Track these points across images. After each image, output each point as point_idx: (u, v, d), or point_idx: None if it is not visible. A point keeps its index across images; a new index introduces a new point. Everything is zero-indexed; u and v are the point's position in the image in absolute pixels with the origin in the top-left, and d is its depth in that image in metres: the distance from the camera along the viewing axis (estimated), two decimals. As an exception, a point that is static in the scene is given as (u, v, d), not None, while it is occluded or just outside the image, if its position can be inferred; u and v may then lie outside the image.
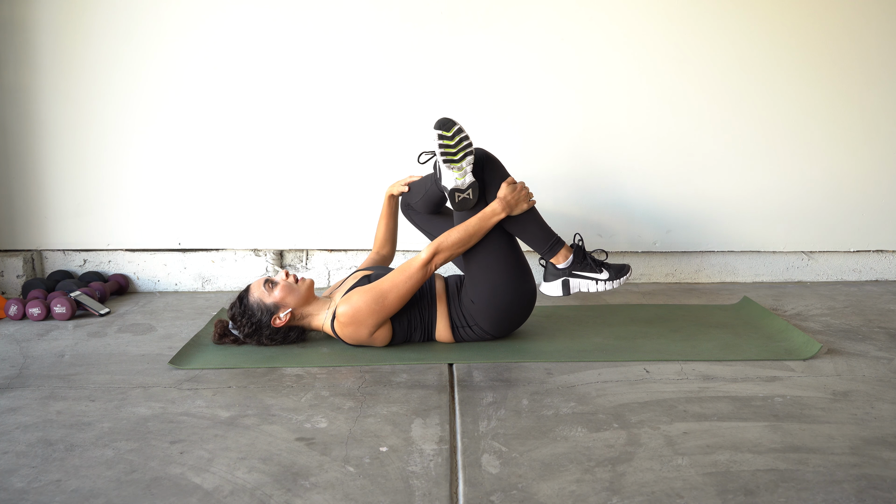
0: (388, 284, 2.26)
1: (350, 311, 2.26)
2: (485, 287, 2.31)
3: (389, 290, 2.25)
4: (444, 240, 2.27)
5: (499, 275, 2.32)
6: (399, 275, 2.27)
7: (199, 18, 3.04)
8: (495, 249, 2.32)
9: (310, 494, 1.50)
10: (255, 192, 3.15)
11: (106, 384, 2.11)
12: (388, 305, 2.26)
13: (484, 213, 2.28)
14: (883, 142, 3.17)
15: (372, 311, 2.26)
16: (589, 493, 1.49)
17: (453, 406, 1.93)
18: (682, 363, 2.22)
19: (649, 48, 3.08)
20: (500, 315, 2.35)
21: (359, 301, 2.25)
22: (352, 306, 2.26)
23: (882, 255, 3.29)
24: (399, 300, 2.27)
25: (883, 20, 3.08)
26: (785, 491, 1.49)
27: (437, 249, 2.27)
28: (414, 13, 3.03)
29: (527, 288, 2.36)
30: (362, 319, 2.27)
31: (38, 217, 3.17)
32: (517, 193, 2.29)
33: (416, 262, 2.27)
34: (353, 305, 2.26)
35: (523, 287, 2.35)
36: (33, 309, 2.75)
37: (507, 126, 3.10)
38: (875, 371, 2.15)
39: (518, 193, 2.29)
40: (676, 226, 3.20)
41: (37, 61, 3.05)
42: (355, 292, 2.28)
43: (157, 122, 3.10)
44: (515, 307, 2.35)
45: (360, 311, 2.26)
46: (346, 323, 2.28)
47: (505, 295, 2.32)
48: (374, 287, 2.27)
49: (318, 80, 3.08)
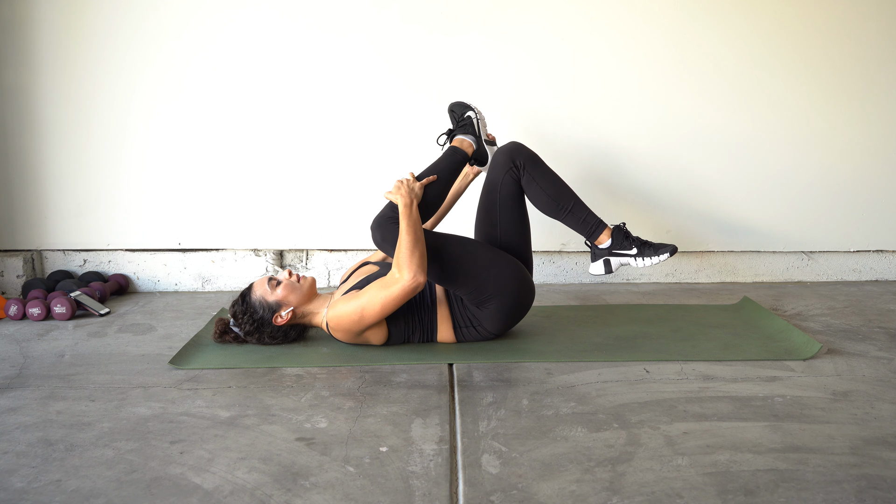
0: (366, 300, 2.24)
1: (335, 319, 2.29)
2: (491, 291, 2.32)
3: (366, 305, 2.24)
4: (397, 251, 2.25)
5: (501, 277, 2.33)
6: (377, 291, 2.24)
7: (199, 20, 3.04)
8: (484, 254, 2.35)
9: (310, 494, 1.50)
10: (255, 192, 3.15)
11: (106, 384, 2.11)
12: (367, 318, 2.25)
13: (400, 211, 2.29)
14: (883, 142, 3.17)
15: (353, 322, 2.27)
16: (589, 493, 1.49)
17: (453, 406, 1.93)
18: (682, 363, 2.22)
19: (647, 49, 3.08)
20: (506, 316, 2.36)
21: (342, 310, 2.27)
22: (336, 314, 2.29)
23: (882, 255, 3.29)
24: (378, 315, 2.25)
25: (882, 21, 3.08)
26: (785, 491, 1.49)
27: (397, 262, 2.23)
28: (414, 15, 3.04)
29: (528, 285, 2.40)
30: (347, 328, 2.29)
31: (38, 217, 3.17)
32: (402, 186, 2.32)
33: (391, 280, 2.23)
34: (337, 314, 2.29)
35: (526, 285, 2.38)
36: (33, 309, 2.75)
37: (506, 126, 3.09)
38: (875, 371, 2.15)
39: (403, 186, 2.33)
40: (676, 226, 3.20)
41: (37, 61, 3.05)
42: (341, 300, 2.30)
43: (158, 122, 3.10)
44: (521, 306, 2.38)
45: (341, 322, 2.28)
46: (334, 328, 2.32)
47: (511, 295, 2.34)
48: (356, 301, 2.26)
49: (318, 80, 3.08)
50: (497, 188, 2.47)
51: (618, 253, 2.46)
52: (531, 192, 2.46)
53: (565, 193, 2.46)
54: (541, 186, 2.44)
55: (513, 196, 2.47)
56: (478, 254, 2.35)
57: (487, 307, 2.34)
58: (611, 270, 2.47)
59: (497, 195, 2.48)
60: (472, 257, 2.33)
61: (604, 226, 2.46)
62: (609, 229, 2.46)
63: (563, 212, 2.46)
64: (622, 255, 2.45)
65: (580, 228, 2.47)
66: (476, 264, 2.32)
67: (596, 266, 2.50)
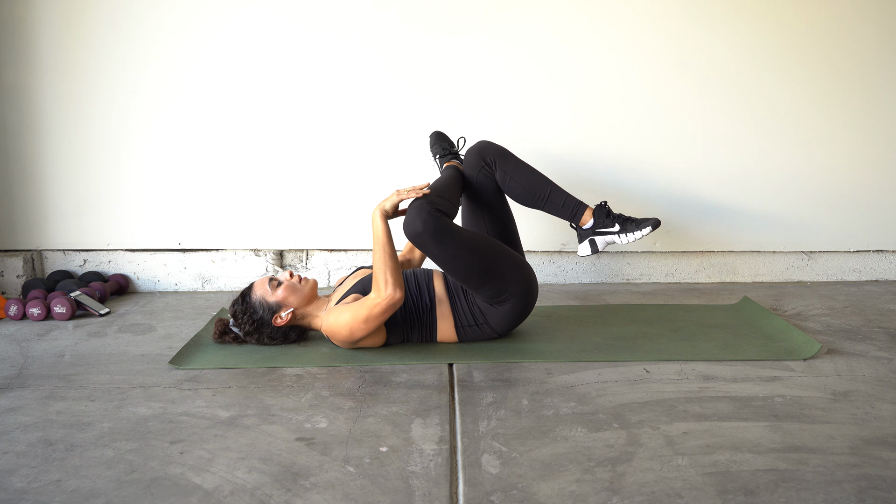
0: (351, 318, 2.24)
1: (329, 329, 2.30)
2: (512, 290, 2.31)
3: (352, 322, 2.24)
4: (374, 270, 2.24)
5: (521, 277, 2.33)
6: (359, 309, 2.23)
7: (200, 20, 3.04)
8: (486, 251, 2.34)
9: (310, 494, 1.50)
10: (255, 192, 3.15)
11: (106, 384, 2.11)
12: (356, 334, 2.26)
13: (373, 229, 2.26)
14: (882, 142, 3.17)
15: (345, 336, 2.28)
16: (589, 493, 1.49)
17: (453, 406, 1.93)
18: (682, 363, 2.22)
19: (647, 50, 3.08)
20: (517, 315, 2.36)
21: (335, 323, 2.28)
22: (329, 326, 2.29)
23: (882, 255, 3.29)
24: (366, 331, 2.25)
25: (881, 21, 3.08)
26: (785, 491, 1.49)
27: (374, 280, 2.22)
28: (414, 15, 3.04)
29: (536, 285, 2.41)
30: (341, 339, 2.30)
31: (38, 217, 3.17)
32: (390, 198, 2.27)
33: (368, 299, 2.22)
34: (330, 326, 2.29)
35: (535, 285, 2.39)
36: (33, 309, 2.75)
37: (505, 126, 3.09)
38: (875, 371, 2.15)
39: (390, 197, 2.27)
40: (676, 226, 3.20)
41: (37, 61, 3.05)
42: (335, 311, 2.30)
43: (158, 122, 3.10)
44: (530, 306, 2.39)
45: (335, 334, 2.29)
46: (330, 335, 2.32)
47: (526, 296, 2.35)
48: (345, 315, 2.25)
49: (318, 80, 3.08)
50: (475, 189, 2.49)
51: (602, 231, 2.46)
52: (507, 186, 2.47)
53: (540, 182, 2.47)
54: (515, 179, 2.45)
55: (492, 194, 2.50)
56: (503, 253, 2.34)
57: (503, 306, 2.33)
58: (597, 250, 2.48)
59: (477, 196, 2.50)
60: (500, 257, 2.31)
61: (584, 206, 2.47)
62: (590, 209, 2.47)
63: (542, 200, 2.46)
64: (606, 233, 2.46)
65: (561, 213, 2.48)
66: (505, 263, 2.31)
67: (583, 247, 2.51)
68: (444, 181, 2.43)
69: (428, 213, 2.17)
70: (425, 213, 2.17)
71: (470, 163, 2.50)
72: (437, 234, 2.18)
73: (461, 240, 2.24)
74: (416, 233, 2.18)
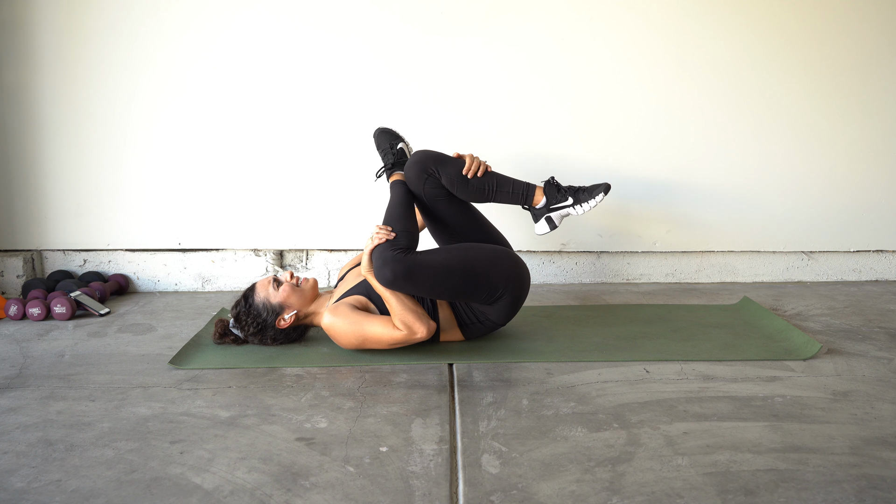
0: (369, 334, 2.24)
1: (332, 330, 2.26)
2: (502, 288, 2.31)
3: (369, 338, 2.25)
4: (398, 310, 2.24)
5: (505, 271, 2.32)
6: (384, 333, 2.24)
7: (200, 21, 3.03)
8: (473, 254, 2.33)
9: (310, 494, 1.50)
10: (255, 192, 3.15)
11: (106, 384, 2.11)
12: (366, 346, 2.27)
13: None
14: (882, 142, 3.17)
15: (350, 343, 2.27)
16: (589, 493, 1.49)
17: (453, 406, 1.93)
18: (682, 363, 2.22)
19: (646, 51, 3.07)
20: (515, 303, 2.35)
21: (342, 328, 2.24)
22: (334, 328, 2.26)
23: (882, 255, 3.29)
24: (378, 347, 2.28)
25: (881, 21, 3.08)
26: (785, 491, 1.49)
27: (404, 321, 2.23)
28: (413, 16, 3.03)
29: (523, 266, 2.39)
30: (344, 343, 2.29)
31: (38, 217, 3.17)
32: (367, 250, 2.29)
33: (400, 335, 2.23)
34: (335, 328, 2.25)
35: (523, 268, 2.38)
36: (33, 309, 2.75)
37: (505, 127, 3.09)
38: (875, 371, 2.15)
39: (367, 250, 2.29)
40: (676, 226, 3.20)
41: (37, 61, 3.05)
42: (341, 313, 2.26)
43: (158, 122, 3.10)
44: (524, 289, 2.38)
45: (339, 338, 2.27)
46: (331, 335, 2.30)
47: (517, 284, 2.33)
48: (359, 327, 2.24)
49: (318, 81, 3.08)
50: (428, 201, 2.45)
51: (556, 207, 2.46)
52: (455, 188, 2.42)
53: (485, 176, 2.43)
54: (460, 181, 2.41)
55: (445, 200, 2.45)
56: (480, 256, 2.32)
57: (499, 302, 2.33)
58: (555, 226, 2.49)
59: (434, 207, 2.46)
60: (477, 263, 2.30)
61: (533, 186, 2.47)
62: (540, 188, 2.47)
63: (491, 193, 2.44)
64: (560, 207, 2.46)
65: (513, 200, 2.47)
66: (485, 266, 2.29)
67: (539, 225, 2.51)
68: (394, 209, 2.37)
69: (392, 259, 2.19)
70: (389, 260, 2.19)
71: (412, 177, 2.42)
72: (408, 274, 2.20)
73: (434, 266, 2.23)
74: (389, 281, 2.20)
